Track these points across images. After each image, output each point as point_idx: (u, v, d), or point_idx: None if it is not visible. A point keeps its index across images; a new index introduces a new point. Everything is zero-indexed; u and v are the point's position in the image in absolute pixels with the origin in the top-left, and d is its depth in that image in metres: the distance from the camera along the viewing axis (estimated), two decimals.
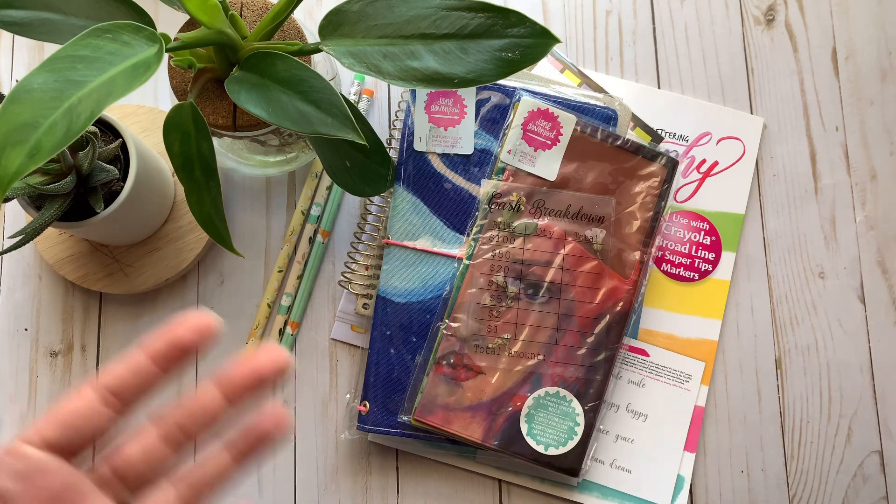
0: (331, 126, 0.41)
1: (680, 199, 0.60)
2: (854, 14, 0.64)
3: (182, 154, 0.44)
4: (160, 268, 0.57)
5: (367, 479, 0.57)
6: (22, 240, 0.47)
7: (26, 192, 0.45)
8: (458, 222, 0.57)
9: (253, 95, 0.42)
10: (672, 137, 0.61)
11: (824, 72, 0.63)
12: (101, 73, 0.36)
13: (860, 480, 0.58)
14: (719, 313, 0.59)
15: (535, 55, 0.41)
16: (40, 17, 0.42)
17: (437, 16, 0.42)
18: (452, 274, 0.56)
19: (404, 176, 0.57)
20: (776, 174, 0.62)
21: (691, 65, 0.63)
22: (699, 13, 0.64)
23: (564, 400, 0.55)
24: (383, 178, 0.53)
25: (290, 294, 0.59)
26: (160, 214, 0.57)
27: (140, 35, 0.38)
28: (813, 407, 0.59)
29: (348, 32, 0.43)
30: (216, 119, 0.48)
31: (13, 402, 0.57)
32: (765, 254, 0.61)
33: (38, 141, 0.33)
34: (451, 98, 0.57)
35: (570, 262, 0.56)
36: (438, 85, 0.42)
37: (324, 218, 0.60)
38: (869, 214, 0.61)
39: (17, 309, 0.59)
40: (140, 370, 0.31)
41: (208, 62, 0.46)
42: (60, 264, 0.57)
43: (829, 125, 0.62)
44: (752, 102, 0.63)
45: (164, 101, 0.61)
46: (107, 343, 0.58)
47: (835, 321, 0.60)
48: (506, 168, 0.56)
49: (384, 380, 0.55)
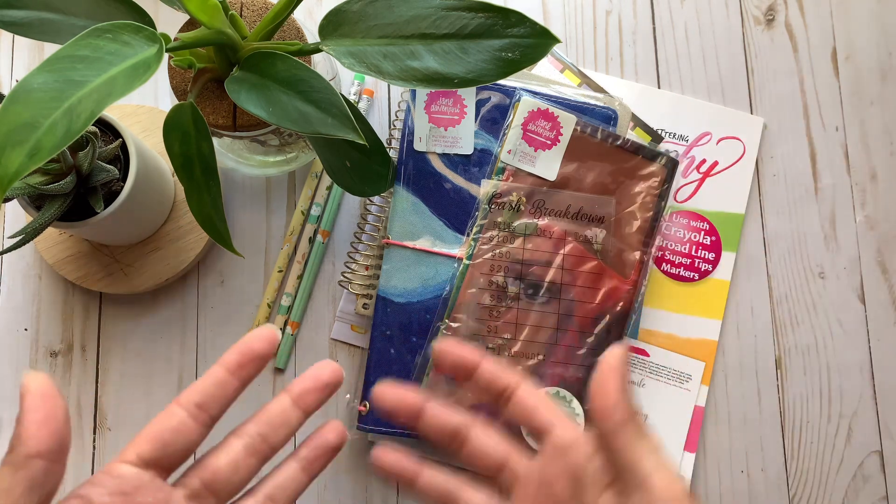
0: (331, 126, 0.41)
1: (680, 199, 0.60)
2: (854, 14, 0.64)
3: (182, 154, 0.44)
4: (160, 268, 0.57)
5: (368, 479, 0.57)
6: (22, 240, 0.47)
7: (26, 192, 0.45)
8: (458, 222, 0.57)
9: (253, 95, 0.42)
10: (672, 137, 0.61)
11: (824, 72, 0.63)
12: (101, 73, 0.36)
13: (860, 480, 0.58)
14: (719, 313, 0.59)
15: (535, 55, 0.41)
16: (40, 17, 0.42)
17: (437, 16, 0.42)
18: (452, 274, 0.56)
19: (404, 176, 0.57)
20: (776, 174, 0.62)
21: (691, 65, 0.63)
22: (699, 13, 0.64)
23: (565, 400, 0.55)
24: (383, 178, 0.53)
25: (290, 294, 0.59)
26: (160, 214, 0.57)
27: (140, 35, 0.38)
28: (813, 407, 0.59)
29: (348, 32, 0.43)
30: (216, 119, 0.48)
31: (13, 402, 0.57)
32: (765, 254, 0.61)
33: (38, 141, 0.33)
34: (451, 98, 0.57)
35: (570, 262, 0.56)
36: (438, 85, 0.42)
37: (324, 218, 0.60)
38: (869, 214, 0.61)
39: (17, 309, 0.59)
40: (221, 382, 0.34)
41: (208, 62, 0.46)
42: (60, 264, 0.57)
43: (829, 125, 0.62)
44: (752, 102, 0.63)
45: (164, 101, 0.61)
46: (107, 343, 0.58)
47: (835, 321, 0.60)
48: (506, 168, 0.56)
49: (384, 380, 0.55)
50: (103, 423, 0.57)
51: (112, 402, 0.58)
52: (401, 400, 0.38)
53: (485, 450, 0.37)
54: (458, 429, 0.37)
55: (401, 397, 0.38)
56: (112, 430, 0.57)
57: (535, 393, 0.37)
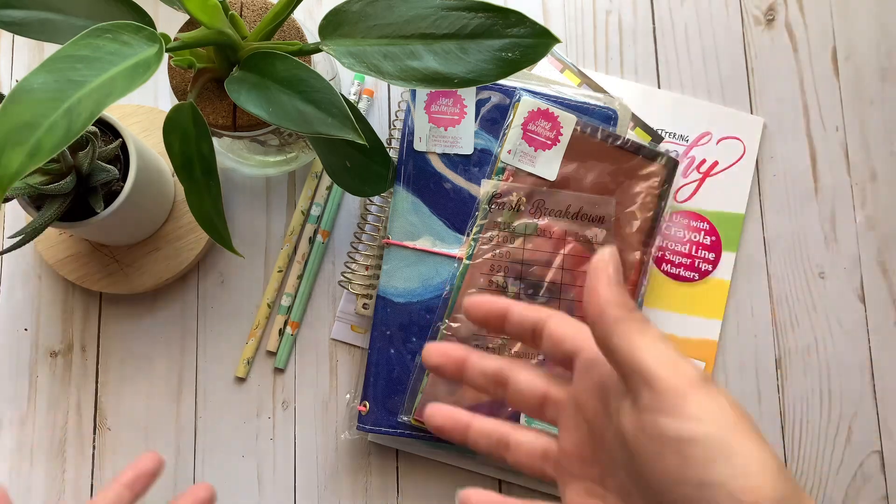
0: (331, 126, 0.41)
1: (680, 199, 0.60)
2: (854, 14, 0.64)
3: (182, 154, 0.44)
4: (160, 268, 0.57)
5: (367, 479, 0.57)
6: (22, 240, 0.47)
7: (26, 192, 0.45)
8: (458, 222, 0.57)
9: (253, 95, 0.42)
10: (672, 137, 0.61)
11: (824, 72, 0.63)
12: (101, 73, 0.36)
13: (860, 480, 0.58)
14: (719, 313, 0.59)
15: (535, 55, 0.41)
16: (40, 17, 0.42)
17: (437, 16, 0.42)
18: (452, 274, 0.56)
19: (404, 176, 0.57)
20: (776, 174, 0.62)
21: (691, 65, 0.63)
22: (699, 13, 0.64)
23: None
24: (383, 178, 0.53)
25: (290, 294, 0.59)
26: (160, 214, 0.57)
27: (140, 35, 0.38)
28: (813, 407, 0.59)
29: (348, 32, 0.43)
30: (216, 119, 0.48)
31: (13, 403, 0.57)
32: (765, 254, 0.61)
33: (38, 141, 0.33)
34: (451, 98, 0.57)
35: (570, 262, 0.56)
36: (438, 85, 0.42)
37: (324, 218, 0.60)
38: (869, 214, 0.61)
39: (17, 309, 0.59)
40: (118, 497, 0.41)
41: (208, 62, 0.46)
42: (60, 264, 0.57)
43: (829, 125, 0.62)
44: (752, 102, 0.63)
45: (164, 101, 0.61)
46: (107, 343, 0.58)
47: (835, 321, 0.60)
48: (506, 168, 0.56)
49: (384, 380, 0.55)
50: (103, 423, 0.57)
51: (112, 402, 0.58)
52: (444, 352, 0.36)
53: (524, 387, 0.35)
54: (498, 372, 0.36)
55: (446, 352, 0.36)
56: (112, 430, 0.57)
57: (565, 322, 0.34)
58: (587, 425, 0.33)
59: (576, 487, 0.33)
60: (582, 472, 0.33)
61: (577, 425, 0.34)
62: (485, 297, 0.36)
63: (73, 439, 0.57)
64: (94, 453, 0.57)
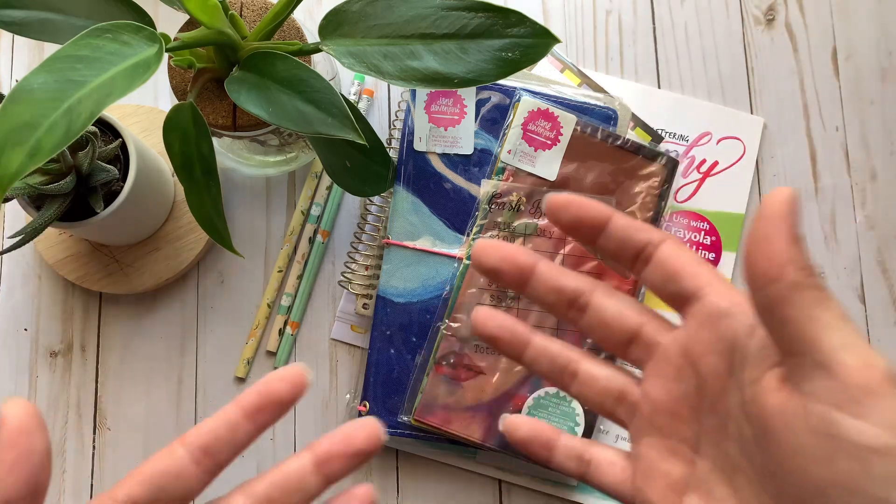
0: (331, 126, 0.41)
1: (680, 199, 0.60)
2: (854, 14, 0.64)
3: (182, 154, 0.44)
4: (160, 268, 0.57)
5: (367, 479, 0.57)
6: (22, 240, 0.47)
7: (26, 192, 0.45)
8: (458, 222, 0.57)
9: (253, 95, 0.42)
10: (672, 137, 0.61)
11: (824, 72, 0.63)
12: (101, 73, 0.36)
13: None
14: None
15: (535, 55, 0.41)
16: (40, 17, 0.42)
17: (437, 16, 0.42)
18: (452, 274, 0.56)
19: (404, 176, 0.57)
20: (776, 174, 0.62)
21: (691, 65, 0.63)
22: (699, 13, 0.64)
23: (565, 400, 0.55)
24: (383, 178, 0.53)
25: (290, 294, 0.59)
26: (160, 214, 0.57)
27: (140, 35, 0.38)
28: None
29: (348, 32, 0.43)
30: (216, 119, 0.48)
31: None
32: None
33: (38, 141, 0.33)
34: (451, 98, 0.57)
35: (571, 262, 0.56)
36: (438, 85, 0.42)
37: (324, 218, 0.60)
38: (869, 214, 0.61)
39: (16, 309, 0.59)
40: (234, 426, 0.29)
41: (208, 62, 0.46)
42: (60, 264, 0.57)
43: (829, 125, 0.62)
44: (752, 102, 0.63)
45: (164, 101, 0.61)
46: (107, 343, 0.58)
47: None
48: (506, 168, 0.56)
49: (384, 380, 0.55)
50: (103, 423, 0.57)
51: (112, 402, 0.58)
52: (507, 258, 0.31)
53: (612, 314, 0.30)
54: (578, 291, 0.31)
55: (508, 255, 0.31)
56: (112, 430, 0.57)
57: (683, 251, 0.29)
58: (696, 381, 0.29)
59: (655, 443, 0.30)
60: (671, 428, 0.29)
61: (679, 377, 0.29)
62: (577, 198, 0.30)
63: (73, 439, 0.57)
64: (94, 453, 0.57)
